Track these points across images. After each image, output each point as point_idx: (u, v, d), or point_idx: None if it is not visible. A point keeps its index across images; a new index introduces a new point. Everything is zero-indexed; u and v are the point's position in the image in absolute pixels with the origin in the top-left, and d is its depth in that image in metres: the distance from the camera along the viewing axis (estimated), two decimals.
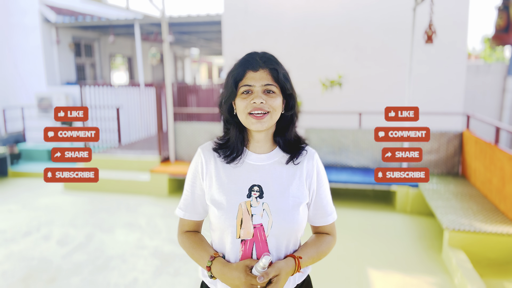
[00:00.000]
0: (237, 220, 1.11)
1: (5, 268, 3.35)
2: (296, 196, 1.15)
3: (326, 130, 5.36)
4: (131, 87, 8.22)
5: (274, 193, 1.14)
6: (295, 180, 1.17)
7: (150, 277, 3.17)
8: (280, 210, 1.12)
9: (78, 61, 10.31)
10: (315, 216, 1.24)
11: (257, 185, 1.14)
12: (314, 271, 3.18)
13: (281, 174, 1.16)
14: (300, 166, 1.18)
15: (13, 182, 6.39)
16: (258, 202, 1.12)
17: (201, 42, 12.85)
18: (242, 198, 1.13)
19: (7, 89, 9.44)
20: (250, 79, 1.11)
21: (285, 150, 1.19)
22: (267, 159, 1.18)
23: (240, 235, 1.11)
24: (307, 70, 6.88)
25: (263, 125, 1.11)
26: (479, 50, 23.04)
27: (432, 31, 4.30)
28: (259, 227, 1.11)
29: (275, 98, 1.11)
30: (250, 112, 1.10)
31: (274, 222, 1.11)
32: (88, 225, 4.32)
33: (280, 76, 1.12)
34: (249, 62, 1.13)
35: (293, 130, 1.20)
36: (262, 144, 1.18)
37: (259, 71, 1.12)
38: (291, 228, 1.13)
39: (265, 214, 1.12)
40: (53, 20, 9.01)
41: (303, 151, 1.21)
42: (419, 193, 4.54)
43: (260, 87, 1.11)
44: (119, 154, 6.31)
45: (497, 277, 3.05)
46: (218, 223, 1.14)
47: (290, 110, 1.17)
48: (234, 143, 1.17)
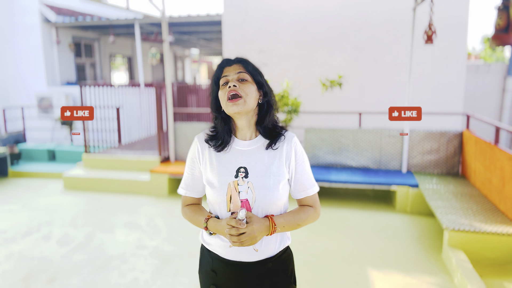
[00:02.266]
0: (227, 197, 1.35)
1: (5, 268, 3.35)
2: (276, 174, 1.36)
3: (326, 130, 5.36)
4: (131, 87, 8.22)
5: (257, 173, 1.35)
6: (275, 161, 1.37)
7: (150, 277, 3.17)
8: (262, 187, 1.34)
9: (78, 61, 10.31)
10: (296, 190, 1.44)
11: (243, 167, 1.36)
12: (314, 270, 3.19)
13: (263, 157, 1.37)
14: (280, 149, 1.39)
15: (13, 182, 6.39)
16: (244, 181, 1.35)
17: (201, 42, 12.85)
18: (230, 178, 1.35)
19: (7, 89, 9.44)
20: (225, 71, 1.36)
21: (265, 137, 1.39)
22: (251, 145, 1.39)
23: (230, 209, 1.35)
24: (307, 70, 6.88)
25: (238, 107, 1.30)
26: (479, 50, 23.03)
27: (432, 31, 4.30)
28: (245, 201, 1.34)
29: (247, 85, 1.33)
30: (228, 98, 1.31)
31: (257, 197, 1.33)
32: (88, 225, 4.32)
33: (249, 67, 1.35)
34: (225, 61, 1.39)
35: (270, 118, 1.39)
36: (246, 131, 1.39)
37: (233, 65, 1.36)
38: (272, 201, 1.34)
39: (250, 191, 1.34)
40: (53, 20, 9.01)
41: (282, 137, 1.40)
42: (419, 193, 4.55)
43: (235, 75, 1.33)
44: (119, 154, 6.31)
45: (497, 277, 3.05)
46: (212, 199, 1.38)
47: (265, 97, 1.37)
48: (221, 133, 1.39)
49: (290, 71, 6.86)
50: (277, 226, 1.33)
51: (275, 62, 7.01)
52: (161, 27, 6.52)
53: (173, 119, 6.04)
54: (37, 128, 8.79)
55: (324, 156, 5.38)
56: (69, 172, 6.03)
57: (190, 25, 9.34)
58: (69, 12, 9.81)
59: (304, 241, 3.70)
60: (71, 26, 9.48)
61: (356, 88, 6.65)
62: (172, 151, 5.90)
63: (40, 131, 8.82)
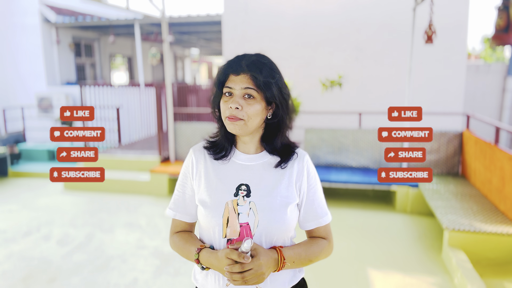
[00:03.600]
0: (223, 219, 1.12)
1: (5, 268, 3.35)
2: (284, 196, 1.14)
3: (326, 130, 5.36)
4: (131, 87, 8.22)
5: (261, 192, 1.13)
6: (284, 180, 1.16)
7: (150, 277, 3.17)
8: (267, 209, 1.12)
9: (78, 61, 10.31)
10: (306, 219, 1.21)
11: (244, 184, 1.14)
12: (313, 270, 3.19)
13: (270, 174, 1.16)
14: (289, 168, 1.18)
15: (13, 182, 6.39)
16: (245, 201, 1.12)
17: (201, 42, 12.85)
18: (229, 197, 1.13)
19: (7, 89, 9.44)
20: (231, 82, 1.11)
21: (273, 154, 1.19)
22: (256, 160, 1.18)
23: (226, 234, 1.11)
24: (307, 70, 6.88)
25: (236, 129, 1.10)
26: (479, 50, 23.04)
27: (432, 31, 4.30)
28: (245, 226, 1.11)
29: (253, 105, 1.09)
30: (227, 116, 1.10)
31: (260, 221, 1.11)
32: (88, 225, 4.32)
33: (260, 80, 1.09)
34: (231, 66, 1.13)
35: (279, 138, 1.18)
36: (250, 145, 1.18)
37: (240, 75, 1.10)
38: (278, 227, 1.12)
39: (252, 213, 1.11)
40: (53, 20, 9.01)
41: (294, 155, 1.20)
42: (419, 193, 4.54)
43: (240, 91, 1.10)
44: (119, 154, 6.31)
45: (497, 277, 3.05)
46: (205, 221, 1.14)
47: (275, 117, 1.15)
48: (222, 142, 1.19)
49: (290, 71, 6.86)
50: (287, 260, 1.11)
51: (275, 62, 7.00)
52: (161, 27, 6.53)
53: (173, 119, 6.04)
54: (37, 128, 8.78)
55: (324, 156, 5.38)
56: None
57: (190, 25, 9.34)
58: (69, 12, 9.81)
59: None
60: (71, 26, 9.47)
61: (356, 88, 6.65)
62: (172, 151, 5.90)
63: (40, 131, 8.81)
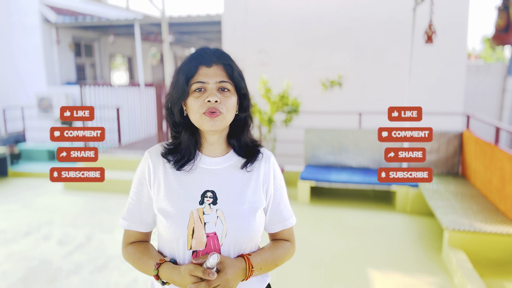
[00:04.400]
0: (188, 230, 1.02)
1: (5, 268, 3.35)
2: (252, 201, 1.08)
3: (326, 130, 5.36)
4: (131, 87, 8.22)
5: (228, 199, 1.06)
6: (251, 184, 1.09)
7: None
8: (235, 216, 1.04)
9: (78, 61, 10.31)
10: (271, 222, 1.16)
11: (210, 191, 1.06)
12: (313, 270, 3.18)
13: (236, 178, 1.09)
14: (256, 170, 1.11)
15: (13, 182, 6.39)
16: (211, 209, 1.04)
17: (201, 42, 12.85)
18: (194, 205, 1.04)
19: (7, 89, 9.44)
20: (203, 76, 1.02)
21: (240, 154, 1.12)
22: (222, 163, 1.10)
23: (192, 246, 1.03)
24: (307, 70, 6.88)
25: (216, 125, 1.02)
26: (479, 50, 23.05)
27: (432, 31, 4.30)
28: (213, 236, 1.03)
29: (230, 98, 1.03)
30: (204, 112, 1.01)
31: (229, 230, 1.03)
32: (88, 225, 4.32)
33: (235, 73, 1.04)
34: (202, 57, 1.04)
35: (248, 133, 1.13)
36: (216, 147, 1.10)
37: (213, 67, 1.03)
38: (247, 236, 1.05)
39: (219, 222, 1.03)
40: (53, 20, 9.01)
41: (259, 155, 1.13)
42: (419, 193, 4.54)
43: (214, 84, 1.02)
44: (119, 154, 6.31)
45: (497, 277, 3.05)
46: (167, 233, 1.05)
47: (245, 111, 1.09)
48: (186, 147, 1.08)
49: (290, 71, 6.86)
50: (255, 268, 1.05)
51: (275, 62, 7.01)
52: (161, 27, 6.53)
53: None
54: (37, 128, 8.78)
55: (324, 156, 5.38)
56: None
57: (190, 25, 9.34)
58: (69, 12, 9.81)
59: (304, 241, 3.70)
60: (71, 26, 9.48)
61: (356, 88, 6.65)
62: None
63: (40, 131, 8.81)
